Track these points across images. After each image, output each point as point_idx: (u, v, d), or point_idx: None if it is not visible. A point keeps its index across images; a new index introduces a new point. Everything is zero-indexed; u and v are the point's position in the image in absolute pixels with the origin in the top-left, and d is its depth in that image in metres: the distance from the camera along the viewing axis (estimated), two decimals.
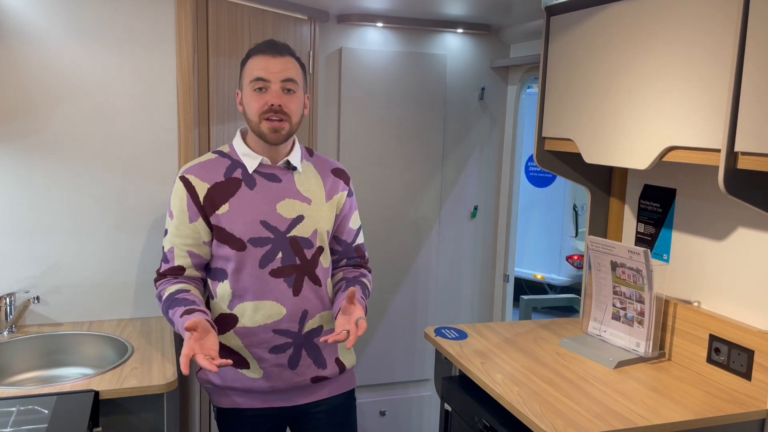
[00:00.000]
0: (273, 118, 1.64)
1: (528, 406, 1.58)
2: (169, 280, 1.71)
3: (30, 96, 2.03)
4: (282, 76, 1.64)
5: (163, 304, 1.68)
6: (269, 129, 1.65)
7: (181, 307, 1.61)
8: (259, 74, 1.64)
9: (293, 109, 1.67)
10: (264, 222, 1.68)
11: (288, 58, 1.67)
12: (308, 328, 1.74)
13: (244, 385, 1.73)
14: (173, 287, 1.69)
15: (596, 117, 1.87)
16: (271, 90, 1.64)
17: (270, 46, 1.67)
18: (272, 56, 1.65)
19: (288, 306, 1.70)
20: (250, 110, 1.66)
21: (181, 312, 1.60)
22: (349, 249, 1.89)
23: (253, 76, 1.64)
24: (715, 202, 1.85)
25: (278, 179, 1.73)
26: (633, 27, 1.74)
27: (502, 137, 3.12)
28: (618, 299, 1.99)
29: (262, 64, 1.65)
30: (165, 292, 1.69)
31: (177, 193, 1.70)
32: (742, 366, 1.70)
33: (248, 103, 1.67)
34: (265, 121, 1.65)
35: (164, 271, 1.72)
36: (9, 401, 1.53)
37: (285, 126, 1.66)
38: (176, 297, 1.65)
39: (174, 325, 1.64)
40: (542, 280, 5.60)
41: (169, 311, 1.65)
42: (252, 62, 1.67)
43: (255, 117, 1.65)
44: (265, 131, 1.66)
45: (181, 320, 1.58)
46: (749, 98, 1.41)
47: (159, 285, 1.73)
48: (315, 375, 1.77)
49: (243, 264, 1.68)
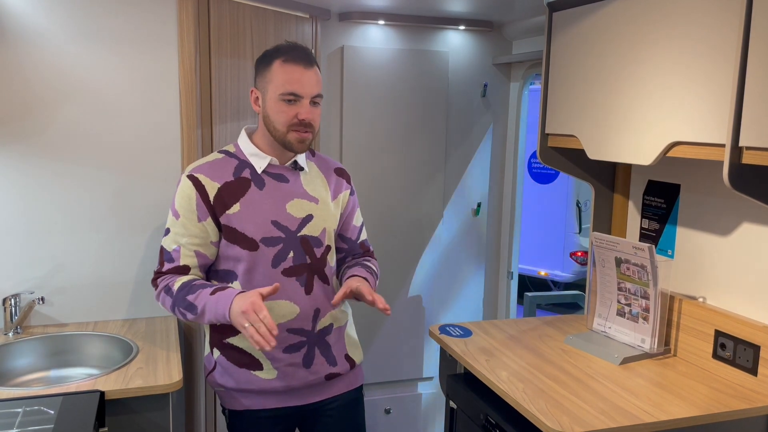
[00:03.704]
0: (301, 130, 1.65)
1: (534, 403, 1.58)
2: (173, 275, 1.69)
3: (33, 97, 2.03)
4: (313, 92, 1.65)
5: (177, 293, 1.64)
6: (297, 140, 1.66)
7: (207, 288, 1.61)
8: (293, 89, 1.62)
9: (317, 121, 1.69)
10: (275, 222, 1.68)
11: (316, 70, 1.67)
12: (320, 326, 1.75)
13: (258, 386, 1.72)
14: (185, 277, 1.67)
15: (599, 113, 1.87)
16: (303, 104, 1.64)
17: (301, 56, 1.65)
18: (305, 67, 1.64)
19: (301, 305, 1.71)
20: (277, 120, 1.65)
21: (211, 290, 1.60)
22: (354, 246, 1.92)
23: (286, 89, 1.62)
24: (720, 197, 1.84)
25: (286, 179, 1.73)
26: (636, 22, 1.73)
27: (505, 134, 3.11)
28: (623, 295, 1.99)
29: (295, 76, 1.63)
30: (175, 283, 1.66)
31: (184, 192, 1.67)
32: (747, 361, 1.70)
33: (276, 113, 1.65)
34: (293, 132, 1.65)
35: (168, 270, 1.70)
36: (15, 402, 1.53)
37: (310, 137, 1.68)
38: (194, 283, 1.64)
39: (194, 309, 1.60)
40: (546, 276, 5.60)
41: (188, 296, 1.62)
42: (283, 71, 1.63)
43: (283, 127, 1.65)
44: (292, 141, 1.66)
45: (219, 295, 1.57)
46: (753, 93, 1.40)
47: (161, 281, 1.69)
48: (328, 372, 1.77)
49: (255, 264, 1.68)
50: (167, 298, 1.67)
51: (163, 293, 1.69)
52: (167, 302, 1.68)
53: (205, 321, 1.63)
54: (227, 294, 1.58)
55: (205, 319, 1.62)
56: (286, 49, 1.66)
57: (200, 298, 1.61)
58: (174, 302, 1.65)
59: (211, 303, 1.59)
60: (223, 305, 1.56)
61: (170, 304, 1.67)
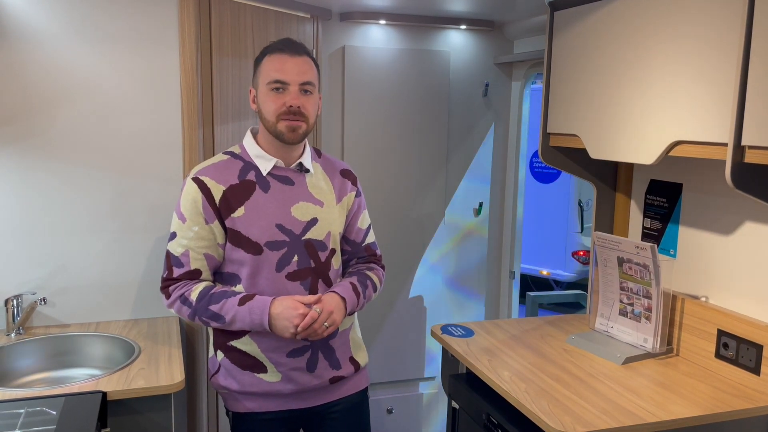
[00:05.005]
0: (291, 119, 1.64)
1: (536, 403, 1.57)
2: (186, 282, 1.67)
3: (34, 97, 2.04)
4: (300, 78, 1.63)
5: (197, 303, 1.63)
6: (287, 128, 1.64)
7: (231, 297, 1.62)
8: (277, 76, 1.62)
9: (310, 110, 1.67)
10: (280, 225, 1.67)
11: (305, 59, 1.66)
12: None
13: (262, 389, 1.72)
14: (200, 285, 1.66)
15: (601, 112, 1.87)
16: (290, 91, 1.63)
17: (287, 45, 1.65)
18: (290, 56, 1.64)
19: None
20: (266, 110, 1.65)
21: (238, 300, 1.61)
22: (358, 248, 1.89)
23: (271, 77, 1.63)
24: (722, 196, 1.84)
25: (291, 182, 1.72)
26: (637, 21, 1.73)
27: (507, 133, 3.11)
28: (625, 295, 1.98)
29: (279, 65, 1.63)
30: (192, 292, 1.64)
31: (189, 195, 1.66)
32: (750, 361, 1.69)
33: (265, 103, 1.65)
34: (282, 121, 1.64)
35: (179, 275, 1.67)
36: (17, 403, 1.53)
37: (302, 125, 1.65)
38: (213, 292, 1.64)
39: (221, 319, 1.62)
40: (548, 276, 5.60)
41: (210, 306, 1.62)
42: (269, 62, 1.65)
43: (272, 117, 1.64)
44: (282, 130, 1.64)
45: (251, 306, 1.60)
46: (756, 92, 1.40)
47: (174, 290, 1.67)
48: (332, 376, 1.76)
49: (259, 268, 1.67)
50: (184, 307, 1.66)
51: (178, 303, 1.66)
52: (184, 311, 1.66)
53: (236, 328, 1.65)
54: (261, 303, 1.60)
55: (235, 327, 1.64)
56: (276, 43, 1.68)
57: (226, 308, 1.62)
58: (194, 312, 1.65)
59: (242, 313, 1.60)
60: (258, 315, 1.59)
61: (189, 313, 1.66)
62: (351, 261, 1.90)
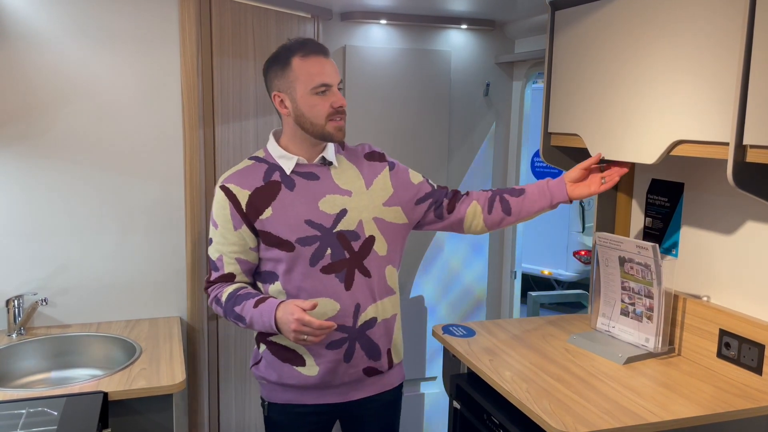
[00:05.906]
0: (338, 119, 1.69)
1: (537, 403, 1.57)
2: (221, 284, 1.74)
3: (35, 97, 2.04)
4: (338, 78, 1.70)
5: (226, 304, 1.70)
6: (336, 129, 1.70)
7: (250, 299, 1.66)
8: (323, 80, 1.66)
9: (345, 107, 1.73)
10: (309, 221, 1.69)
11: (331, 58, 1.72)
12: (362, 321, 1.75)
13: (300, 382, 1.75)
14: (231, 287, 1.72)
15: (603, 112, 1.86)
16: (333, 91, 1.68)
17: (319, 47, 1.69)
18: (324, 57, 1.69)
19: (341, 301, 1.71)
20: (314, 114, 1.68)
21: (254, 302, 1.65)
22: (437, 194, 1.88)
23: (316, 82, 1.65)
24: (724, 195, 1.83)
25: (316, 177, 1.74)
26: (639, 20, 1.72)
27: (508, 133, 3.10)
28: (626, 295, 1.98)
29: (320, 68, 1.66)
30: (223, 294, 1.71)
31: (219, 203, 1.71)
32: (752, 360, 1.69)
33: (313, 107, 1.67)
34: (330, 122, 1.69)
35: (215, 279, 1.75)
36: (18, 403, 1.53)
37: (344, 123, 1.73)
38: (239, 294, 1.69)
39: (243, 320, 1.67)
40: (549, 276, 5.59)
41: (235, 308, 1.68)
42: (306, 65, 1.66)
43: (321, 120, 1.68)
44: (332, 131, 1.70)
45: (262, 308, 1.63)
46: (757, 91, 1.39)
47: (212, 291, 1.76)
48: (367, 366, 1.78)
49: (294, 264, 1.70)
50: (218, 308, 1.74)
51: (214, 303, 1.75)
52: (219, 311, 1.75)
53: (256, 329, 1.70)
54: (269, 307, 1.63)
55: (255, 328, 1.69)
56: (299, 44, 1.68)
57: (245, 309, 1.66)
58: (225, 312, 1.72)
59: (256, 316, 1.64)
60: (267, 318, 1.62)
61: (222, 313, 1.74)
62: (444, 203, 1.88)
